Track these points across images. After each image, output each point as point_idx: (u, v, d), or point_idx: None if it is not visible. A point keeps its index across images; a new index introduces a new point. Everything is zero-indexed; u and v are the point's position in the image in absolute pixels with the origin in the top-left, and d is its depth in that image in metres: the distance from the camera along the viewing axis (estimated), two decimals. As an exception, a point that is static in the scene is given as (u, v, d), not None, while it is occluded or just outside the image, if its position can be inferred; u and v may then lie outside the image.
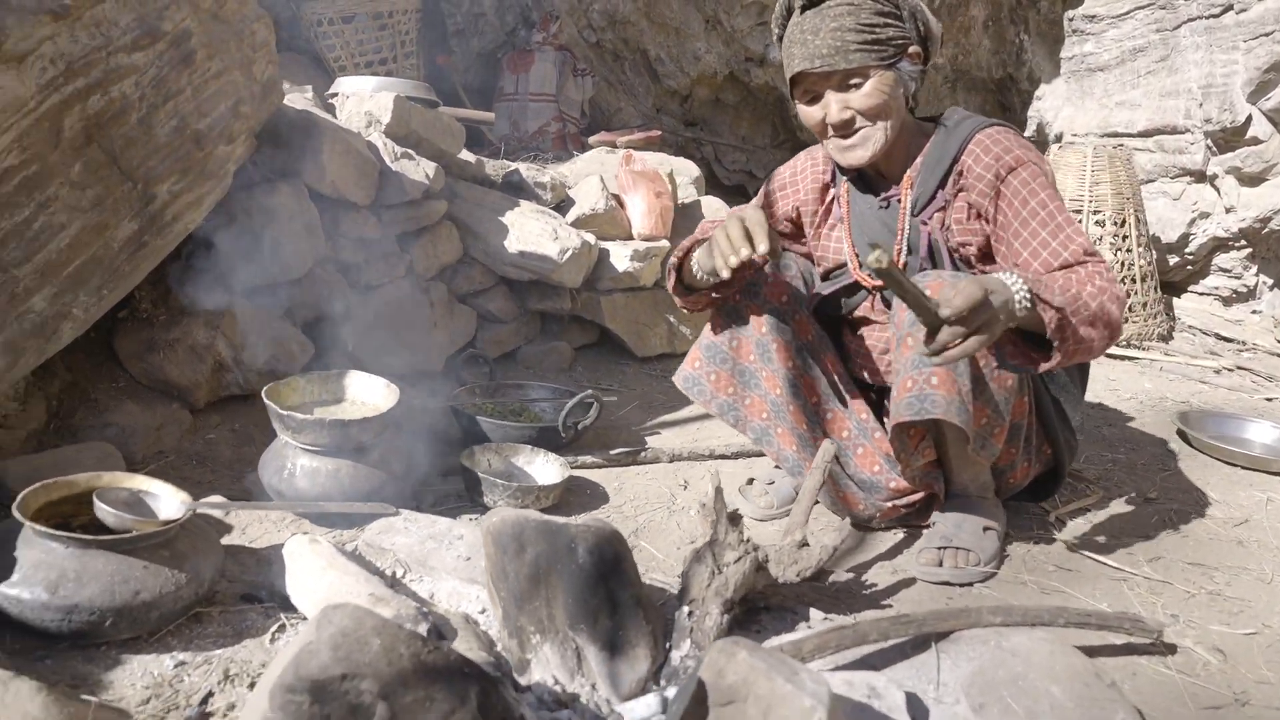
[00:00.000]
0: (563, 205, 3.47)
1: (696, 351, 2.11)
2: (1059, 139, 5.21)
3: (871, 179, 2.03)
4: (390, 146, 2.76)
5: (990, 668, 1.42)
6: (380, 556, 1.79)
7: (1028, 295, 1.55)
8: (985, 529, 2.00)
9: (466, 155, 3.38)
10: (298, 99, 2.79)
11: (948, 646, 1.48)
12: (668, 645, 1.48)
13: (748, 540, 1.61)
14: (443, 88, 5.29)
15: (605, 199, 3.35)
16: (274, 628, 1.59)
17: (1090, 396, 3.23)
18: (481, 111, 3.66)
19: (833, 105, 1.84)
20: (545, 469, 2.32)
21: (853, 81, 1.82)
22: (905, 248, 1.98)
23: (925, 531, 2.08)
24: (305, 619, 1.61)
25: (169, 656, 1.49)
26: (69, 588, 1.42)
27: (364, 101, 2.82)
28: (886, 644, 1.49)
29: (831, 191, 2.09)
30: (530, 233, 3.04)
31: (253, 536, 1.92)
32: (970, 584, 1.92)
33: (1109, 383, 3.45)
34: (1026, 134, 5.40)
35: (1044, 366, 1.65)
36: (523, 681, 1.41)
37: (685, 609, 1.51)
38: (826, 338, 2.11)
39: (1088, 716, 1.33)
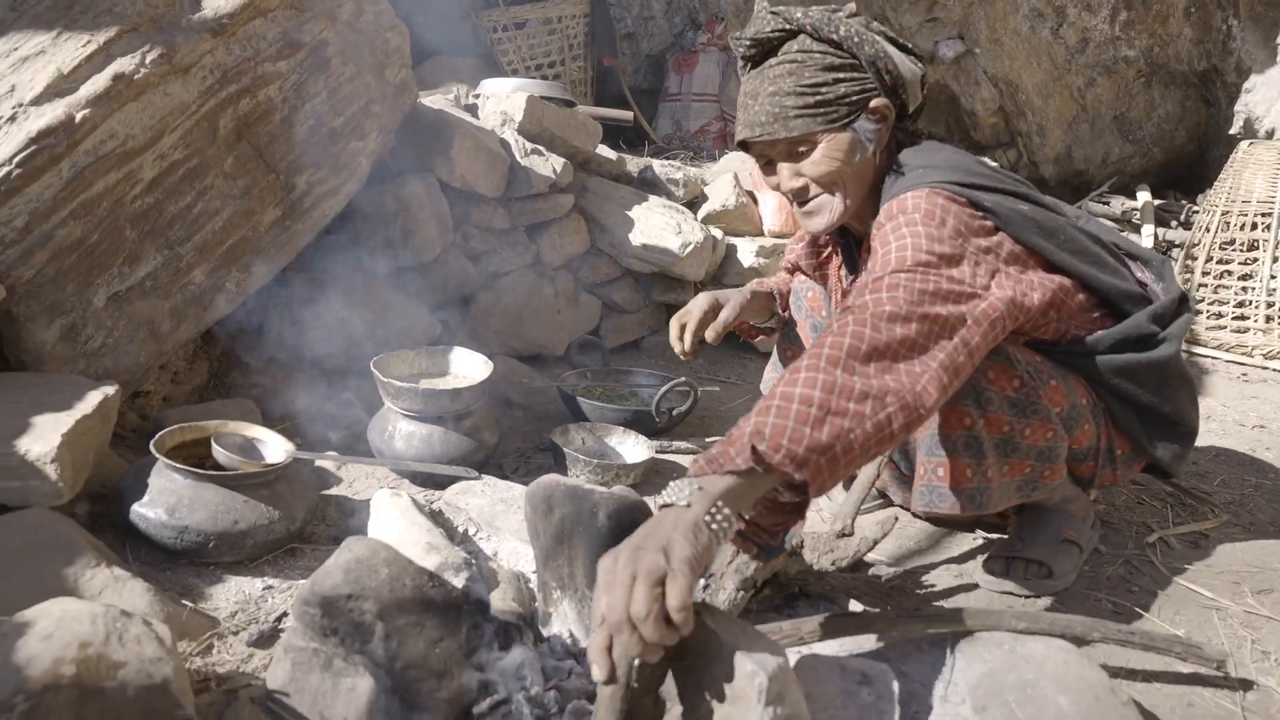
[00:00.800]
0: (697, 202, 3.56)
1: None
2: (1271, 135, 4.70)
3: (853, 237, 1.91)
4: (521, 143, 2.96)
5: (1000, 671, 1.38)
6: (455, 514, 1.97)
7: (693, 488, 1.15)
8: (1063, 540, 1.91)
9: (606, 152, 3.54)
10: (439, 100, 3.06)
11: (965, 647, 1.45)
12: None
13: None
14: (608, 89, 5.53)
15: (736, 196, 3.41)
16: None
17: (1256, 417, 2.94)
18: (619, 111, 3.81)
19: (784, 173, 1.71)
20: (633, 450, 2.43)
21: (800, 149, 1.66)
22: None
23: (1000, 539, 2.01)
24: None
25: (260, 580, 1.73)
26: (183, 511, 1.69)
27: (501, 101, 3.04)
28: (905, 637, 1.48)
29: (826, 250, 2.01)
30: (654, 226, 3.15)
31: (357, 489, 2.16)
32: (1036, 596, 1.84)
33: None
34: (1231, 130, 4.91)
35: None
36: (545, 633, 1.53)
37: (702, 582, 1.57)
38: None
39: (1091, 730, 1.27)
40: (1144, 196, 4.46)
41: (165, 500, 1.70)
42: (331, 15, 2.22)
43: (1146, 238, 4.18)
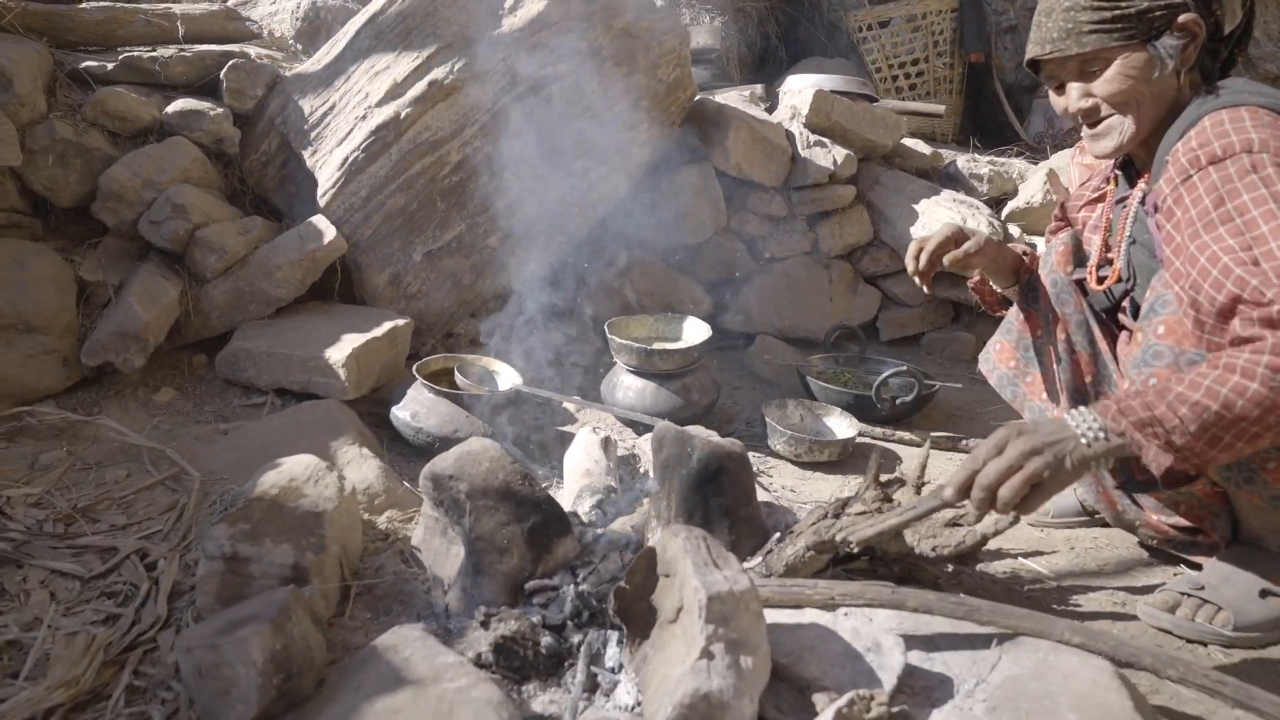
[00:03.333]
0: (1006, 199, 3.38)
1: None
2: None
3: (1139, 170, 1.74)
4: (805, 135, 3.10)
5: (1026, 678, 1.29)
6: (643, 457, 2.24)
7: (1100, 432, 1.32)
8: (1264, 592, 1.61)
9: (919, 146, 3.51)
10: (733, 96, 3.30)
11: (1011, 649, 1.37)
12: (749, 558, 1.66)
13: (890, 504, 1.67)
14: (978, 87, 5.28)
15: (1044, 193, 3.18)
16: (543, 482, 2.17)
17: None
18: (930, 105, 3.69)
19: (1073, 93, 1.62)
20: (839, 429, 2.48)
21: (1092, 68, 1.58)
22: (1123, 261, 1.69)
23: (1191, 574, 1.74)
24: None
25: (470, 479, 2.16)
26: (422, 417, 2.19)
27: (793, 96, 3.20)
28: (954, 626, 1.44)
29: (1102, 190, 1.84)
30: (937, 220, 3.08)
31: (596, 426, 2.51)
32: (1202, 643, 1.59)
33: None
34: None
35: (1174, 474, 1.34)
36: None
37: (777, 534, 1.66)
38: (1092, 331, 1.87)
39: (1092, 753, 1.16)
40: None
41: (412, 407, 2.22)
42: (608, 25, 2.60)
43: None
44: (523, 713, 1.32)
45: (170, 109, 2.57)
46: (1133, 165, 1.76)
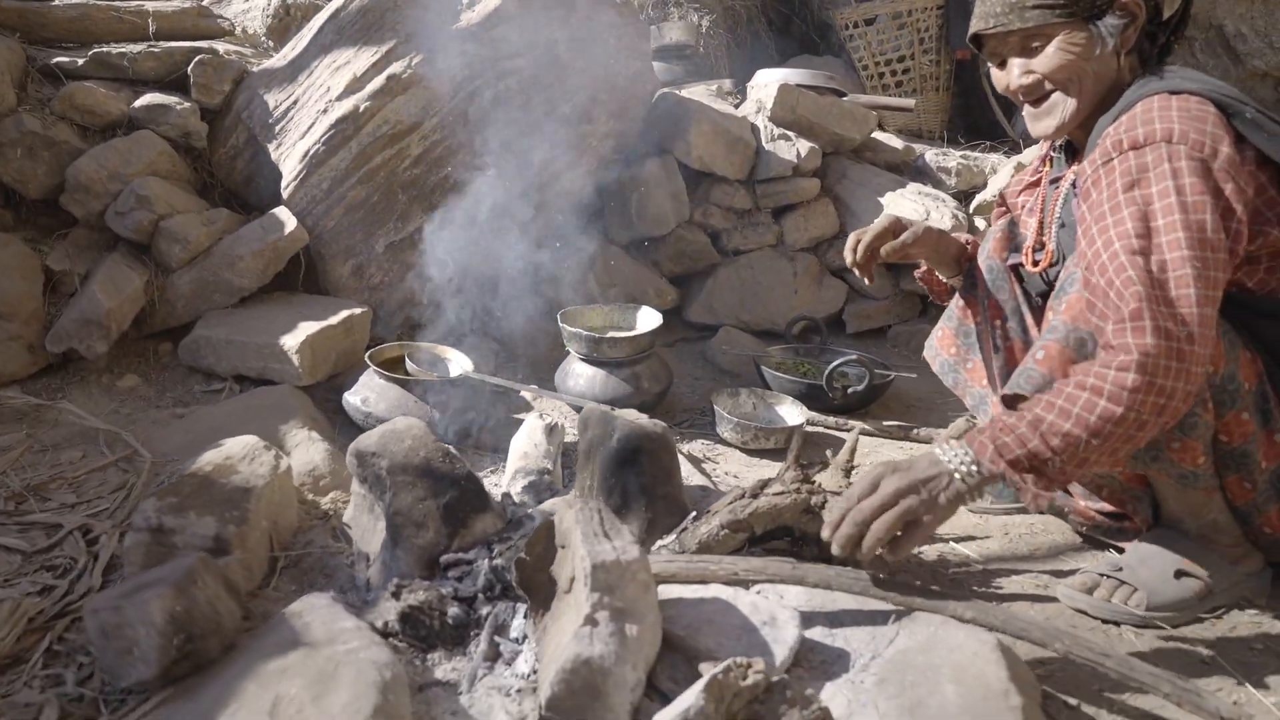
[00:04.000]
0: (976, 191, 3.39)
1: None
2: None
3: (1076, 152, 1.76)
4: (769, 129, 3.13)
5: (914, 651, 1.32)
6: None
7: (973, 467, 1.37)
8: (1179, 573, 1.63)
9: (891, 140, 3.53)
10: (699, 91, 3.34)
11: (907, 624, 1.40)
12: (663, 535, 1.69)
13: (810, 485, 1.70)
14: (966, 84, 5.29)
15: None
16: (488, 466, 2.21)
17: None
18: (900, 100, 3.71)
19: (1014, 69, 1.65)
20: (790, 417, 2.51)
21: (1034, 44, 1.60)
22: (1054, 243, 1.72)
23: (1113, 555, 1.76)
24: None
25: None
26: (372, 402, 2.24)
27: (759, 90, 3.23)
28: (859, 603, 1.47)
29: (1039, 174, 1.87)
30: (900, 212, 3.09)
31: (545, 413, 2.55)
32: (1116, 623, 1.61)
33: None
34: None
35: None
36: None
37: (693, 514, 1.69)
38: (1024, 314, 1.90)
39: (964, 718, 1.18)
40: None
41: (363, 393, 2.26)
42: (565, 20, 2.64)
43: None
44: (424, 679, 1.36)
45: (138, 103, 2.63)
46: (1072, 147, 1.79)
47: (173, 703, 1.24)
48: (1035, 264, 1.83)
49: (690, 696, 1.13)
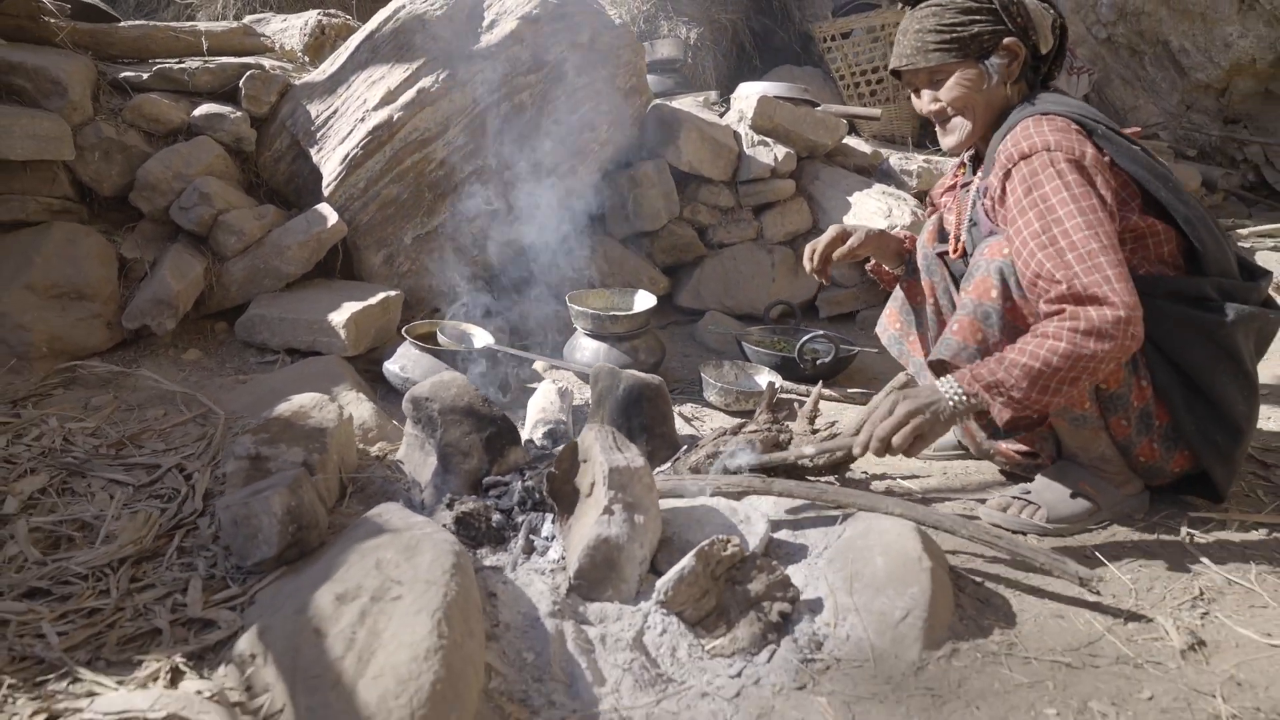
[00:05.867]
0: (935, 190, 3.80)
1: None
2: None
3: (982, 159, 2.16)
4: (750, 135, 3.53)
5: (855, 537, 1.71)
6: (587, 405, 2.66)
7: (960, 395, 1.77)
8: (1074, 495, 2.03)
9: (860, 145, 3.94)
10: (689, 102, 3.74)
11: (851, 523, 1.79)
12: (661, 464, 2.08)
13: (779, 425, 2.09)
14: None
15: (964, 184, 3.60)
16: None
17: None
18: (867, 110, 4.12)
19: (924, 98, 2.05)
20: (762, 383, 2.90)
21: (937, 78, 2.00)
22: (968, 234, 2.11)
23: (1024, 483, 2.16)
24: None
25: (449, 421, 2.58)
26: (409, 369, 2.62)
27: (741, 101, 3.63)
28: (818, 512, 1.86)
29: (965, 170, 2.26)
30: (865, 210, 3.51)
31: (556, 379, 2.94)
32: (1023, 533, 2.01)
33: None
34: None
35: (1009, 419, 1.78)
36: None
37: (685, 446, 2.08)
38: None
39: (889, 579, 1.58)
40: None
41: (401, 361, 2.64)
42: (572, 41, 3.03)
43: None
44: (477, 564, 1.74)
45: (197, 112, 3.00)
46: (979, 156, 2.18)
47: (287, 577, 1.62)
48: (955, 253, 2.23)
49: (686, 559, 1.52)
